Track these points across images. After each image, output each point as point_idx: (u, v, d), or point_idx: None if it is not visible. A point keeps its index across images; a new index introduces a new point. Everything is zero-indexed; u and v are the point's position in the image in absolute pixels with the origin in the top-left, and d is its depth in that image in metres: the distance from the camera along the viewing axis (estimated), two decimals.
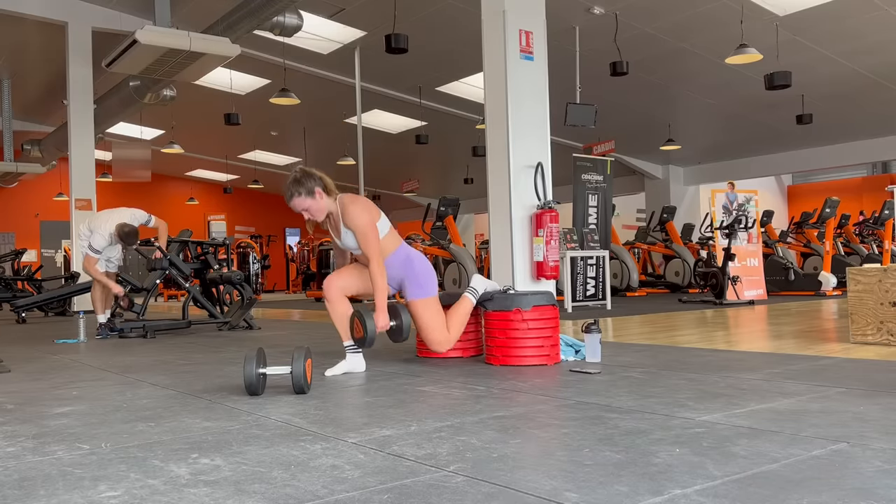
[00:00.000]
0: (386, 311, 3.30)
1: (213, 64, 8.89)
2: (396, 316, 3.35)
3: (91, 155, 11.17)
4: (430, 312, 3.50)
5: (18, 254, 11.74)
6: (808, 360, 3.31)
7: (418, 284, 3.50)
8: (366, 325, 3.18)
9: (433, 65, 12.22)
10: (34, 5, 10.33)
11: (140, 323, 5.96)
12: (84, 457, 1.85)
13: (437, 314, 3.53)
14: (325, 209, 3.38)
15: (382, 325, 3.26)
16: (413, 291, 3.50)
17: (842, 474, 1.50)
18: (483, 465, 1.65)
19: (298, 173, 3.34)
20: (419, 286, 3.50)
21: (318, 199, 3.34)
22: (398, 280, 3.53)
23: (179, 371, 3.58)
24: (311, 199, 3.32)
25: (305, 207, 3.34)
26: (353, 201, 3.36)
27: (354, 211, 3.32)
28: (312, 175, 3.34)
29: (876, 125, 14.12)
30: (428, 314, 3.50)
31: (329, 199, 3.38)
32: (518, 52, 5.96)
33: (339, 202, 3.39)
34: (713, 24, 10.00)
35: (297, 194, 3.31)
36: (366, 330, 3.18)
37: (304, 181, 3.31)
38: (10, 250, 13.82)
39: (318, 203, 3.34)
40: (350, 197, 3.39)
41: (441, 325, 3.53)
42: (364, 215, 3.32)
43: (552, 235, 5.85)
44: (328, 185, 3.38)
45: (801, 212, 12.64)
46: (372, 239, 3.31)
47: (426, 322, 3.50)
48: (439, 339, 3.52)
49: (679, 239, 12.87)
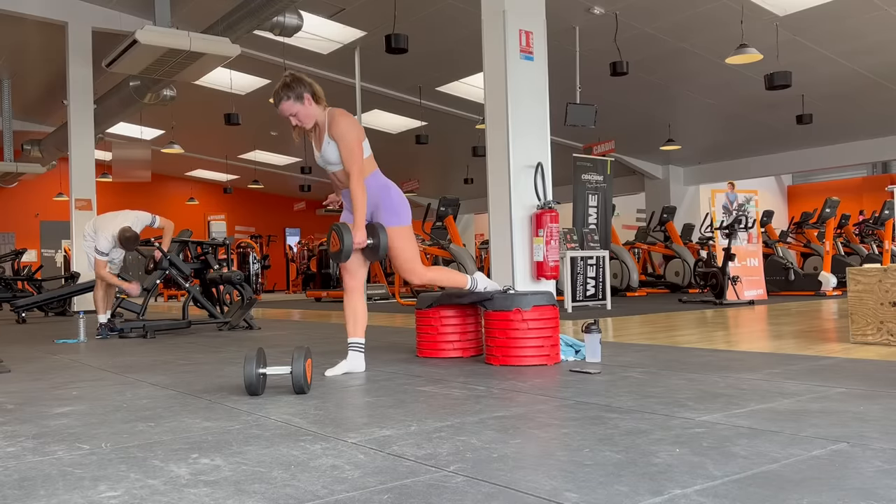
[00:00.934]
0: (364, 228, 3.24)
1: (213, 64, 8.89)
2: (374, 234, 3.30)
3: (91, 155, 11.17)
4: (405, 241, 3.41)
5: (18, 254, 11.74)
6: (808, 360, 3.31)
7: (394, 212, 3.40)
8: (343, 239, 3.16)
9: (433, 65, 12.22)
10: (34, 5, 10.34)
11: (140, 323, 5.96)
12: (84, 457, 1.85)
13: (412, 243, 3.45)
14: (313, 116, 3.31)
15: (360, 240, 3.21)
16: (388, 218, 3.39)
17: (842, 474, 1.50)
18: (483, 465, 1.65)
19: (288, 78, 3.28)
20: (395, 213, 3.40)
21: (307, 104, 3.27)
22: (373, 205, 3.42)
23: (179, 371, 3.58)
24: (299, 104, 3.26)
25: (294, 112, 3.27)
26: (343, 114, 3.31)
27: (343, 123, 3.26)
28: (302, 81, 3.28)
29: (876, 125, 14.12)
30: (403, 242, 3.41)
31: (318, 108, 3.31)
32: (518, 52, 5.96)
33: (328, 113, 3.32)
34: (713, 24, 10.00)
35: (286, 98, 3.25)
36: (342, 242, 3.16)
37: (293, 86, 3.25)
38: (10, 250, 13.82)
39: (307, 109, 3.28)
40: (340, 110, 3.33)
41: (415, 255, 3.45)
42: (353, 129, 3.26)
43: (552, 235, 5.85)
44: (317, 92, 3.31)
45: (801, 212, 12.64)
46: (356, 153, 3.25)
47: (403, 251, 3.41)
48: (411, 267, 3.43)
49: (679, 239, 12.87)
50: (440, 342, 3.81)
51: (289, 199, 24.94)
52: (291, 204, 24.97)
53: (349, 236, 3.18)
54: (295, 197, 24.48)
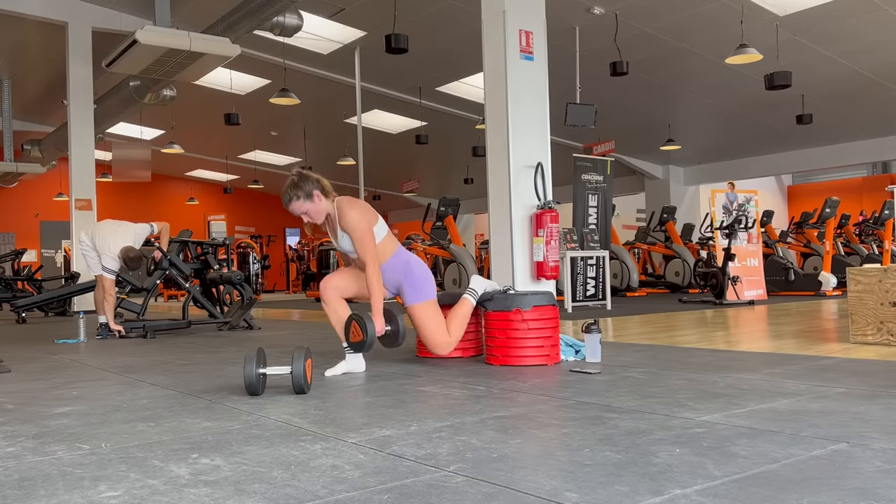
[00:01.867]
0: (382, 315, 3.30)
1: (213, 64, 8.89)
2: (392, 321, 3.35)
3: (91, 155, 11.17)
4: (429, 316, 3.51)
5: (18, 254, 11.74)
6: (808, 360, 3.31)
7: (417, 289, 3.50)
8: (366, 330, 3.16)
9: (433, 65, 12.22)
10: (34, 5, 10.34)
11: (140, 323, 5.96)
12: (84, 457, 1.85)
13: (437, 317, 3.53)
14: (324, 211, 3.38)
15: (378, 329, 3.26)
16: (412, 296, 3.50)
17: (842, 474, 1.50)
18: (483, 465, 1.65)
19: (296, 177, 3.33)
20: (418, 290, 3.50)
21: (317, 201, 3.34)
22: (396, 284, 3.54)
23: (179, 371, 3.58)
24: (309, 202, 3.32)
25: (304, 211, 3.34)
26: (350, 205, 3.35)
27: (351, 215, 3.32)
28: (310, 178, 3.33)
29: (876, 125, 14.13)
30: (427, 318, 3.50)
31: (327, 202, 3.38)
32: (518, 52, 5.96)
33: (336, 205, 3.38)
34: (713, 24, 10.00)
35: (296, 198, 3.31)
36: (366, 334, 3.17)
37: (301, 185, 3.31)
38: (10, 250, 13.82)
39: (317, 206, 3.34)
40: (347, 200, 3.38)
41: (441, 328, 3.53)
42: (361, 220, 3.32)
43: (552, 235, 5.85)
44: (326, 187, 3.37)
45: (801, 212, 12.65)
46: (368, 243, 3.30)
47: (426, 326, 3.50)
48: (440, 342, 3.52)
49: (679, 239, 12.87)
50: None
51: None
52: None
53: (372, 326, 3.18)
54: None
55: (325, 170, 3.63)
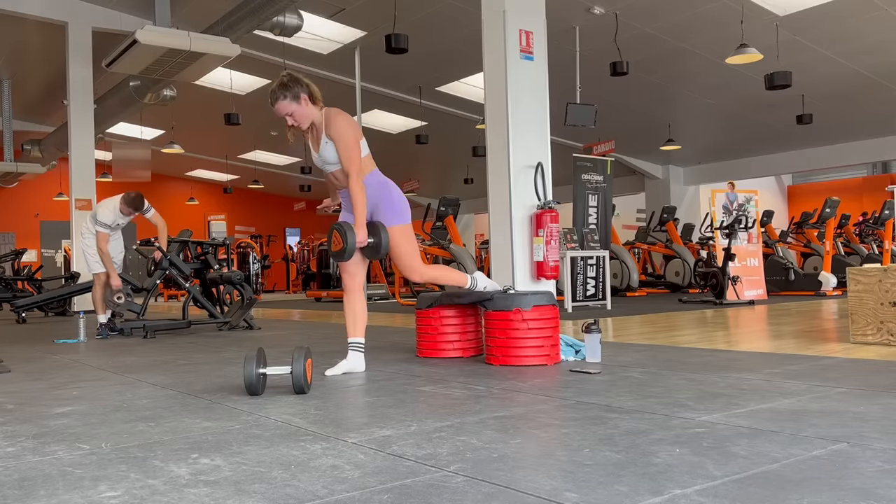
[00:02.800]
0: (365, 226, 3.25)
1: (213, 64, 8.89)
2: (375, 233, 3.30)
3: (91, 155, 11.17)
4: (405, 239, 3.42)
5: (18, 254, 11.74)
6: (808, 360, 3.31)
7: (395, 211, 3.40)
8: (346, 238, 3.16)
9: (433, 65, 12.22)
10: (34, 5, 10.34)
11: (140, 323, 5.96)
12: (84, 457, 1.85)
13: (413, 242, 3.45)
14: (310, 117, 3.30)
15: (361, 239, 3.22)
16: (389, 217, 3.39)
17: (842, 474, 1.50)
18: (483, 465, 1.65)
19: (286, 77, 3.28)
20: (395, 212, 3.40)
21: (304, 104, 3.27)
22: (373, 204, 3.41)
23: (179, 371, 3.58)
24: (296, 103, 3.25)
25: (290, 112, 3.27)
26: (340, 113, 3.30)
27: (341, 123, 3.26)
28: (299, 81, 3.28)
29: (876, 125, 14.13)
30: (404, 240, 3.41)
31: (314, 108, 3.31)
32: (518, 52, 5.96)
33: (324, 113, 3.32)
34: (713, 24, 10.00)
35: (283, 97, 3.25)
36: (346, 242, 3.16)
37: (290, 85, 3.25)
38: (10, 250, 13.82)
39: (303, 109, 3.27)
40: (337, 110, 3.33)
41: (415, 253, 3.45)
42: (350, 129, 3.26)
43: (552, 235, 5.85)
44: (314, 92, 3.31)
45: (801, 212, 12.64)
46: (354, 154, 3.25)
47: (401, 246, 3.41)
48: (412, 264, 3.43)
49: (679, 239, 12.87)
50: (440, 342, 3.81)
51: (289, 199, 24.95)
52: (291, 204, 24.97)
53: (352, 235, 3.18)
54: (295, 197, 24.48)
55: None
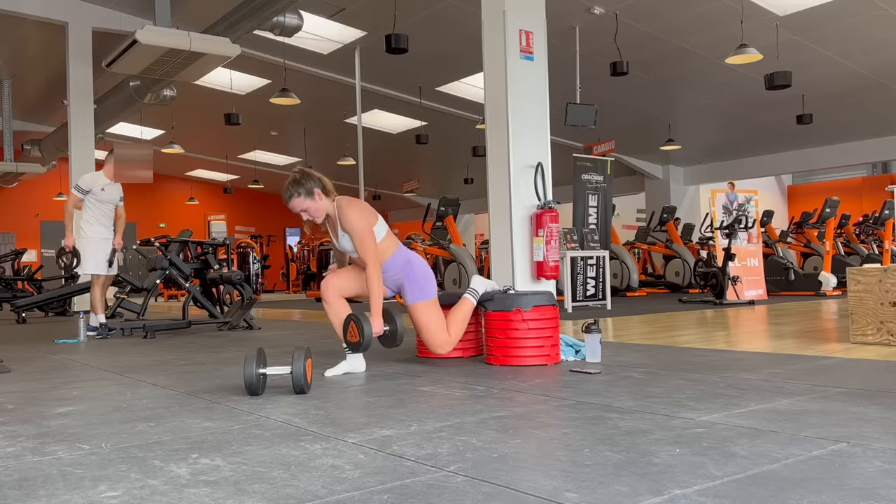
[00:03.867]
0: (381, 315, 3.30)
1: (214, 64, 8.89)
2: (391, 321, 3.35)
3: (91, 155, 11.17)
4: (429, 315, 3.51)
5: (18, 254, 11.74)
6: (808, 360, 3.31)
7: (418, 288, 3.50)
8: (363, 331, 3.17)
9: (433, 65, 12.22)
10: (34, 5, 10.34)
11: (140, 323, 5.96)
12: (84, 457, 1.85)
13: (437, 317, 3.54)
14: (324, 210, 3.40)
15: (377, 330, 3.27)
16: (413, 295, 3.50)
17: (842, 474, 1.50)
18: (483, 465, 1.65)
19: (298, 174, 3.36)
20: (419, 289, 3.50)
21: (317, 200, 3.35)
22: (397, 283, 3.54)
23: (179, 371, 3.58)
24: (310, 199, 3.34)
25: (304, 208, 3.36)
26: (350, 204, 3.37)
27: (351, 214, 3.33)
28: (311, 176, 3.35)
29: (876, 125, 14.13)
30: (428, 317, 3.51)
31: (327, 201, 3.40)
32: (518, 52, 5.96)
33: (336, 204, 3.39)
34: (713, 24, 10.00)
35: (297, 195, 3.33)
36: (362, 335, 3.18)
37: (303, 182, 3.33)
38: (10, 250, 13.81)
39: (317, 204, 3.36)
40: (347, 200, 3.40)
41: (441, 328, 3.53)
42: (361, 219, 3.33)
43: (552, 235, 5.85)
44: (327, 185, 3.40)
45: (801, 212, 12.65)
46: (369, 243, 3.32)
47: (426, 325, 3.51)
48: (439, 342, 3.53)
49: (679, 239, 12.87)
50: None
51: None
52: None
53: (369, 327, 3.20)
54: None
55: (325, 170, 3.65)
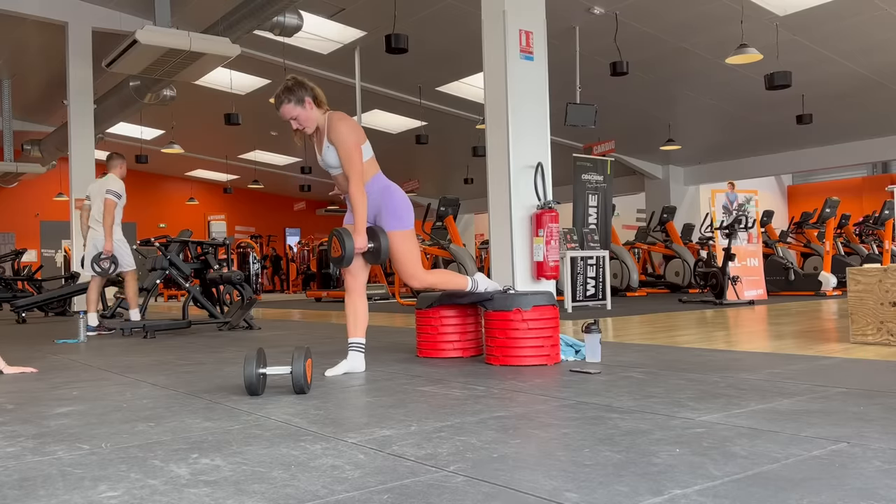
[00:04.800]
0: (365, 232, 3.25)
1: (214, 64, 8.90)
2: (375, 238, 3.30)
3: (91, 155, 11.18)
4: (406, 245, 3.41)
5: (18, 254, 11.74)
6: (808, 360, 3.31)
7: (396, 216, 3.39)
8: (344, 244, 3.17)
9: (433, 65, 12.22)
10: (34, 5, 10.34)
11: (140, 323, 5.96)
12: (84, 457, 1.85)
13: (414, 247, 3.44)
14: (314, 120, 3.31)
15: (361, 245, 3.22)
16: (391, 222, 3.38)
17: (842, 474, 1.50)
18: (483, 465, 1.65)
19: (290, 81, 3.29)
20: (397, 217, 3.39)
21: (308, 108, 3.27)
22: (375, 208, 3.41)
23: (179, 371, 3.58)
24: (300, 107, 3.26)
25: (294, 116, 3.28)
26: (342, 118, 3.30)
27: (342, 128, 3.26)
28: (304, 84, 3.29)
29: (876, 125, 14.13)
30: (405, 246, 3.40)
31: (318, 112, 3.31)
32: (518, 52, 5.96)
33: (327, 117, 3.32)
34: (713, 24, 10.00)
35: (287, 101, 3.26)
36: (344, 249, 3.17)
37: (295, 89, 3.26)
38: (10, 250, 13.82)
39: (308, 112, 3.28)
40: (339, 114, 3.32)
41: (416, 259, 3.45)
42: (351, 134, 3.26)
43: (552, 235, 5.85)
44: (319, 96, 3.31)
45: (801, 212, 12.64)
46: (355, 159, 3.25)
47: (404, 254, 3.41)
48: (413, 271, 3.43)
49: (679, 239, 12.87)
50: (440, 342, 3.81)
51: (289, 199, 24.95)
52: (291, 204, 24.98)
53: (350, 241, 3.18)
54: (295, 197, 24.48)
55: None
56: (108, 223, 6.23)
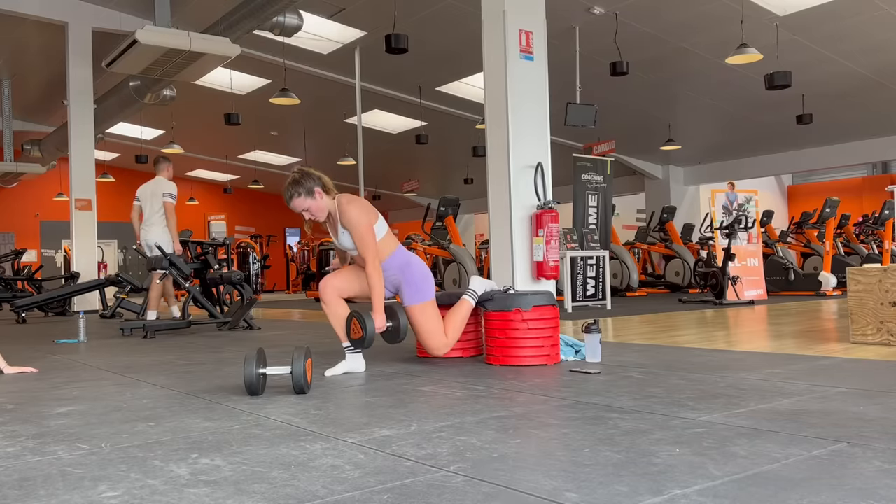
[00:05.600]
0: (383, 312, 3.30)
1: (214, 64, 8.89)
2: (394, 317, 3.35)
3: (91, 155, 11.18)
4: (427, 317, 3.50)
5: (18, 254, 11.74)
6: (808, 360, 3.31)
7: (416, 289, 3.49)
8: (365, 327, 3.18)
9: (433, 65, 12.22)
10: (34, 5, 10.34)
11: (140, 323, 5.96)
12: (84, 457, 1.85)
13: (435, 318, 3.53)
14: (326, 209, 3.38)
15: (380, 325, 3.26)
16: (411, 296, 3.49)
17: (842, 474, 1.50)
18: (483, 465, 1.65)
19: (297, 174, 3.35)
20: (417, 290, 3.49)
21: (318, 198, 3.34)
22: (395, 283, 3.53)
23: (179, 371, 3.58)
24: (311, 199, 3.33)
25: (306, 208, 3.35)
26: (351, 202, 3.36)
27: (352, 212, 3.32)
28: (311, 175, 3.34)
29: (876, 125, 14.13)
30: (425, 319, 3.50)
31: (328, 199, 3.39)
32: (518, 52, 5.96)
33: (337, 202, 3.39)
34: (713, 24, 10.00)
35: (297, 195, 3.32)
36: (365, 331, 3.18)
37: (303, 181, 3.32)
38: (10, 250, 13.82)
39: (318, 203, 3.35)
40: (348, 197, 3.39)
41: (439, 330, 3.52)
42: (362, 217, 3.32)
43: (552, 235, 5.85)
44: (327, 184, 3.38)
45: (801, 212, 12.65)
46: (369, 241, 3.31)
47: (424, 327, 3.50)
48: (437, 344, 3.52)
49: (679, 239, 12.87)
50: None
51: None
52: None
53: (371, 322, 3.20)
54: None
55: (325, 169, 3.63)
56: (173, 225, 6.75)
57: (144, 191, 7.02)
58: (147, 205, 6.88)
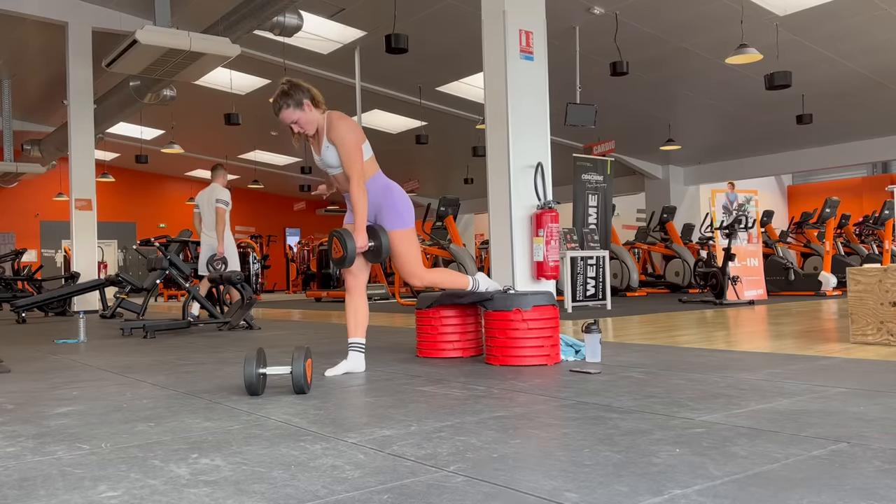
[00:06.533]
0: (365, 231, 3.24)
1: (214, 64, 8.90)
2: (375, 237, 3.30)
3: (91, 155, 11.18)
4: (406, 243, 3.40)
5: (18, 254, 11.74)
6: (808, 360, 3.31)
7: (397, 214, 3.38)
8: (345, 244, 3.17)
9: (433, 65, 12.22)
10: (34, 5, 10.34)
11: (140, 323, 5.96)
12: (84, 457, 1.85)
13: (414, 246, 3.43)
14: (315, 122, 3.29)
15: (361, 244, 3.22)
16: (391, 221, 3.38)
17: (842, 474, 1.50)
18: (483, 465, 1.65)
19: (286, 85, 3.27)
20: (398, 215, 3.38)
21: (307, 110, 3.26)
22: (375, 207, 3.41)
23: (179, 371, 3.58)
24: (299, 110, 3.24)
25: (294, 120, 3.26)
26: (341, 117, 3.29)
27: (342, 127, 3.25)
28: (300, 87, 3.27)
29: (876, 125, 14.13)
30: (405, 245, 3.40)
31: (317, 112, 3.30)
32: (518, 52, 5.96)
33: (326, 116, 3.31)
34: (713, 24, 10.00)
35: (286, 106, 3.24)
36: (345, 248, 3.17)
37: (292, 93, 3.24)
38: (10, 250, 13.82)
39: (308, 115, 3.26)
40: (338, 114, 3.31)
41: (417, 258, 3.44)
42: (351, 133, 3.25)
43: (552, 235, 5.85)
44: (316, 96, 3.30)
45: (801, 212, 12.64)
46: (356, 158, 3.24)
47: (403, 252, 3.40)
48: (413, 270, 3.42)
49: (679, 239, 12.87)
50: (440, 342, 3.81)
51: (289, 199, 24.95)
52: (291, 204, 24.98)
53: (351, 241, 3.18)
54: (295, 197, 24.49)
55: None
56: (221, 229, 7.00)
57: (202, 198, 7.29)
58: (205, 212, 7.18)
